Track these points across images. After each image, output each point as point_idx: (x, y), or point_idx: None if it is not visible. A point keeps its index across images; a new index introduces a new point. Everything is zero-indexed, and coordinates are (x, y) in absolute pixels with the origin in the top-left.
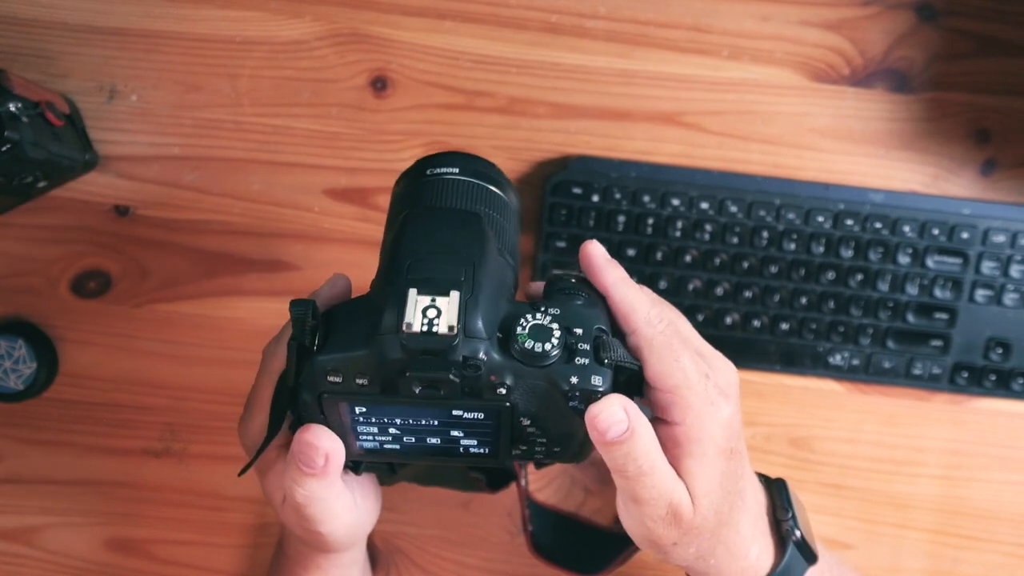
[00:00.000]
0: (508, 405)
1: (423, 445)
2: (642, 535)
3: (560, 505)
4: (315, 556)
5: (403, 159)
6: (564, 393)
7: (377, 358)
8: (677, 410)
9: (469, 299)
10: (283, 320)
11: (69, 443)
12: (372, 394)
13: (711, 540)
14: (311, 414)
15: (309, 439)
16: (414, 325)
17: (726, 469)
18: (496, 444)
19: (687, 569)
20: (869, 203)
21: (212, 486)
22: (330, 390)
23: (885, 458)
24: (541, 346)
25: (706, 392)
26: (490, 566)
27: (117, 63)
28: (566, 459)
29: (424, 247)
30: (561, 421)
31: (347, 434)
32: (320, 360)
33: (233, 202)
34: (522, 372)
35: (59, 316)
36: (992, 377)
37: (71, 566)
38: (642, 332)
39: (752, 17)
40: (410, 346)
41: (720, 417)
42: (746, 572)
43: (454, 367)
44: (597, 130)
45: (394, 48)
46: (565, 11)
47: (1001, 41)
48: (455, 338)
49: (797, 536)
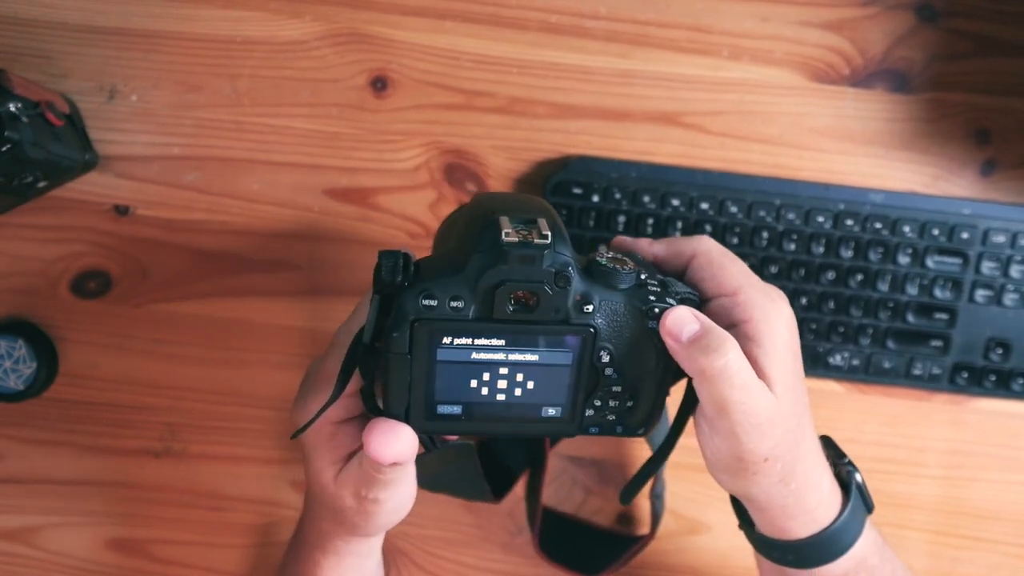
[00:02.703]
0: (592, 330)
1: (499, 406)
2: (732, 456)
3: (561, 505)
4: (334, 540)
5: (403, 159)
6: (643, 312)
7: (476, 268)
8: (743, 309)
9: (554, 227)
10: (284, 319)
11: (69, 443)
12: (465, 318)
13: (793, 453)
14: (396, 358)
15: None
16: (512, 235)
17: (795, 369)
18: (572, 398)
19: (766, 503)
20: (869, 203)
21: (212, 486)
22: (424, 315)
23: (885, 458)
24: (621, 269)
25: (766, 290)
26: (490, 566)
27: (117, 63)
28: (634, 424)
29: (500, 205)
30: (638, 353)
31: (426, 390)
32: (416, 285)
33: (233, 202)
34: (604, 295)
35: (59, 316)
36: (992, 377)
37: (71, 566)
38: (697, 249)
39: (752, 17)
40: (509, 251)
41: (784, 312)
42: (820, 505)
43: (546, 278)
44: (597, 130)
45: (394, 48)
46: (565, 11)
47: (1001, 41)
48: (549, 246)
49: (859, 480)
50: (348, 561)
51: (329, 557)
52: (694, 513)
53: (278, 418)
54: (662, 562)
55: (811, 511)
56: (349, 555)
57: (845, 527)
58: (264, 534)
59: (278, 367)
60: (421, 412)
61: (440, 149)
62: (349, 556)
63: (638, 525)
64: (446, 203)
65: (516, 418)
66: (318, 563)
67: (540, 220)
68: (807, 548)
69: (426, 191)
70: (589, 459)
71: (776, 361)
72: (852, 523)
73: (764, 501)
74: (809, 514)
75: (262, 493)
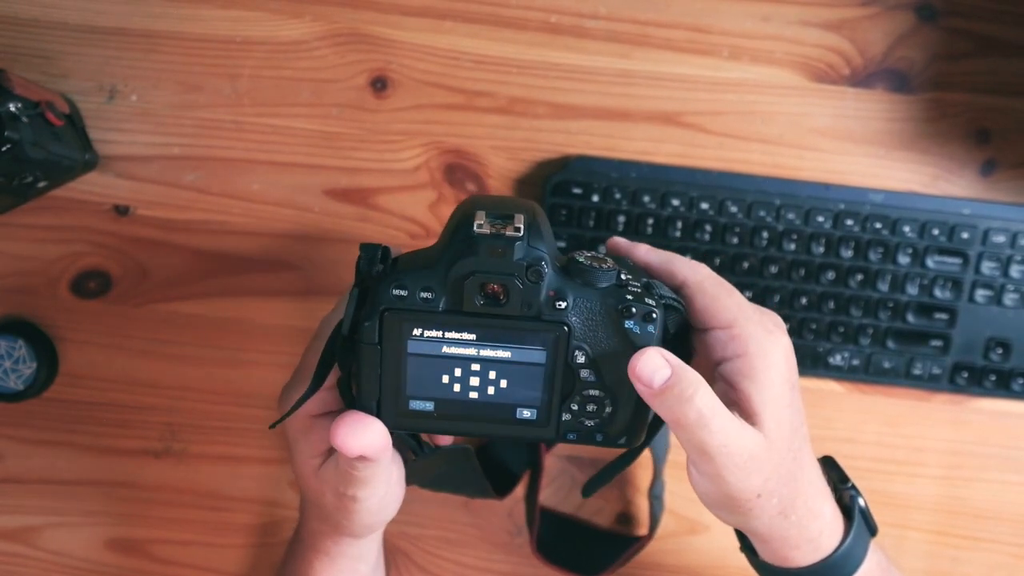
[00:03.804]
0: (566, 328)
1: (472, 405)
2: (723, 495)
3: (560, 506)
4: (324, 541)
5: (403, 159)
6: (619, 311)
7: (447, 260)
8: (738, 343)
9: (531, 223)
10: (284, 319)
11: (69, 443)
12: (435, 310)
13: (790, 487)
14: (367, 349)
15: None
16: (484, 227)
17: (792, 401)
18: (548, 400)
19: (767, 536)
20: (869, 203)
21: (212, 486)
22: (394, 305)
23: (885, 458)
24: (599, 266)
25: (762, 322)
26: (490, 566)
27: (117, 63)
28: (615, 432)
29: (484, 204)
30: (615, 355)
31: (398, 384)
32: (389, 276)
33: (233, 202)
34: (580, 292)
35: (59, 316)
36: (992, 377)
37: (71, 566)
38: (690, 279)
39: (752, 17)
40: (479, 243)
41: (781, 343)
42: (823, 533)
43: (517, 271)
44: (597, 130)
45: (394, 48)
46: (565, 11)
47: (1001, 41)
48: (521, 239)
49: (862, 504)
50: (340, 563)
51: (321, 558)
52: (693, 513)
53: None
54: (661, 562)
55: (814, 539)
56: (340, 556)
57: (849, 553)
58: (264, 534)
59: (278, 367)
60: (392, 407)
61: (440, 149)
62: (340, 558)
63: (637, 526)
64: (446, 203)
65: (490, 418)
66: (311, 563)
67: (517, 215)
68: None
69: (426, 191)
70: (588, 459)
71: (769, 397)
72: (856, 548)
73: (765, 534)
74: (812, 543)
75: (262, 493)
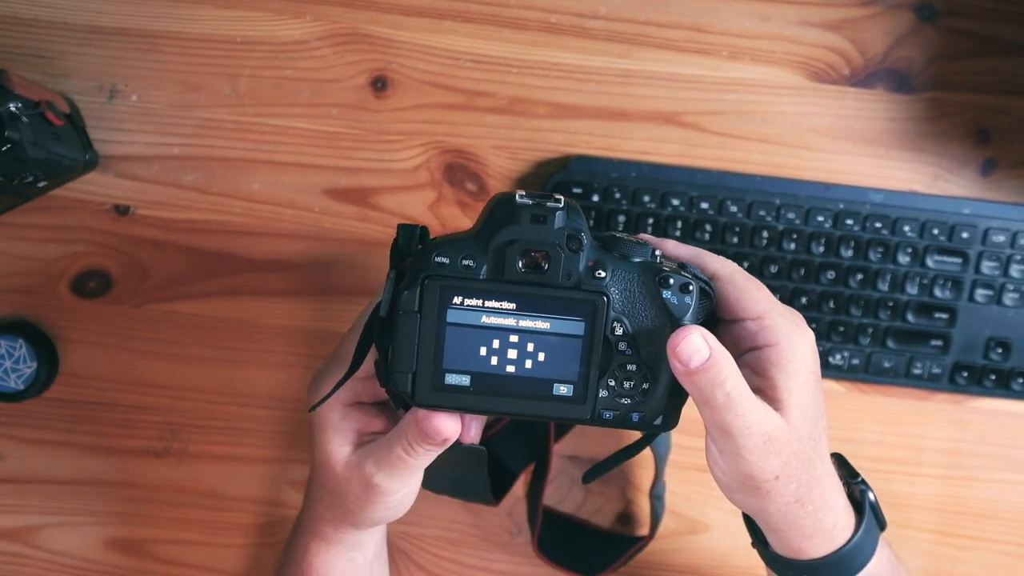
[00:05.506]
0: (605, 298)
1: (509, 380)
2: (741, 474)
3: (560, 505)
4: (325, 527)
5: (403, 159)
6: (657, 281)
7: (489, 229)
8: (769, 333)
9: (570, 202)
10: (284, 319)
11: (69, 443)
12: (476, 277)
13: (809, 474)
14: (405, 318)
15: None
16: (525, 198)
17: (816, 392)
18: (585, 374)
19: (782, 523)
20: (869, 203)
21: (212, 486)
22: (436, 272)
23: (885, 458)
24: (637, 242)
25: (790, 316)
26: (490, 566)
27: (117, 63)
28: (652, 411)
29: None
30: (653, 327)
31: (435, 356)
32: (430, 242)
33: (233, 202)
34: (618, 264)
35: (59, 316)
36: (992, 377)
37: (71, 566)
38: (720, 272)
39: (752, 17)
40: (522, 211)
41: (808, 337)
42: (836, 526)
43: (558, 239)
44: (597, 130)
45: (394, 48)
46: (565, 11)
47: (1001, 41)
48: (562, 208)
49: (872, 498)
50: (335, 550)
51: (318, 542)
52: (694, 513)
53: (278, 418)
54: (662, 562)
55: (827, 531)
56: (337, 543)
57: (860, 546)
58: (264, 534)
59: (278, 367)
60: (428, 381)
61: (440, 149)
62: (336, 545)
63: (637, 526)
64: (446, 203)
65: (526, 394)
66: (307, 546)
67: (556, 196)
68: (822, 568)
69: (426, 191)
70: (588, 459)
71: (795, 385)
72: (866, 542)
73: (780, 521)
74: (825, 534)
75: (262, 493)
